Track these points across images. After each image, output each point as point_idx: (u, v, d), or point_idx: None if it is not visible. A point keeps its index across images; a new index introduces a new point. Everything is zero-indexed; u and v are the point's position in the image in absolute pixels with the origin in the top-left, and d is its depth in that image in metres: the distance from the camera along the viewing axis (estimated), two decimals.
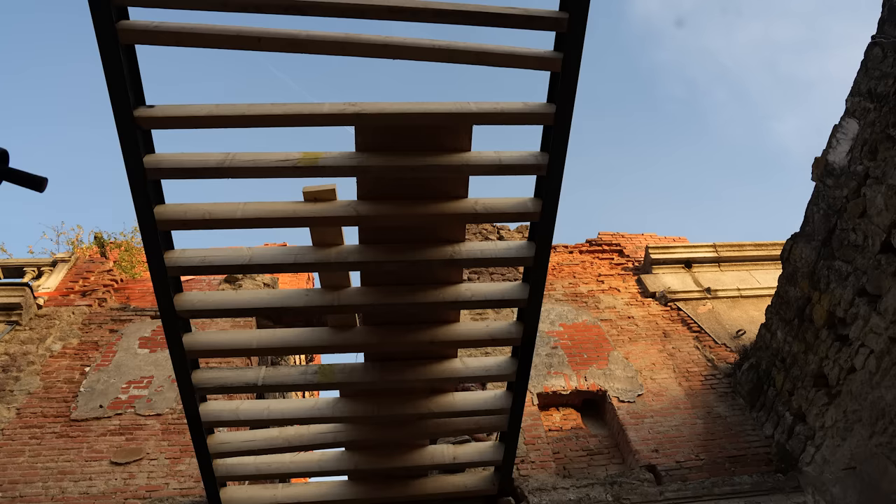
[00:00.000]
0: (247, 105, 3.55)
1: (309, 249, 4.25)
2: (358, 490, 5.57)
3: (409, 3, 3.29)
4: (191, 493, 5.72)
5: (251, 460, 5.42)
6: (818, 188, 6.16)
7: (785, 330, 6.47)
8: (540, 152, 3.92)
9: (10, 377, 6.90)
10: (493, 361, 5.07)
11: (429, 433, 5.39)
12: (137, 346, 7.52)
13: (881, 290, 5.13)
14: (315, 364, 5.00)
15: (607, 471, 6.40)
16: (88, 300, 8.23)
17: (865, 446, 5.28)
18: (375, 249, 4.28)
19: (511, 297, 4.55)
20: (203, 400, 4.97)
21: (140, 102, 3.46)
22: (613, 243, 10.24)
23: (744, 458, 6.35)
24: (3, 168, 3.05)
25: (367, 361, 5.00)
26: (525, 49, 3.52)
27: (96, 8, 3.06)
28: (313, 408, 5.11)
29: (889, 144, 5.14)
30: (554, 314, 8.37)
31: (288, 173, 3.75)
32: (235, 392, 4.82)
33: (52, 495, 5.64)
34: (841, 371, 5.59)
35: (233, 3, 3.20)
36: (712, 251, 9.44)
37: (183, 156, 3.72)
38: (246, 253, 4.17)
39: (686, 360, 7.66)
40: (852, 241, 5.55)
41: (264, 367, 4.80)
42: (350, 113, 3.58)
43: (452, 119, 3.70)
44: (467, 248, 4.34)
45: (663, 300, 8.69)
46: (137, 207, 3.74)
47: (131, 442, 6.21)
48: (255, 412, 5.01)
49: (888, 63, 5.27)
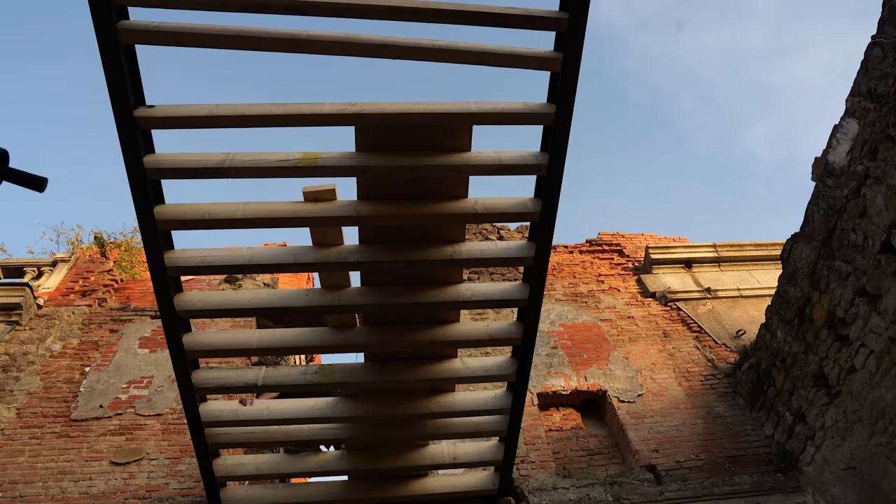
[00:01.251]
0: (247, 105, 3.55)
1: (309, 249, 4.25)
2: (358, 490, 5.57)
3: (409, 3, 3.29)
4: (191, 493, 5.72)
5: (251, 460, 5.42)
6: (818, 188, 6.16)
7: (785, 330, 6.47)
8: (540, 152, 3.92)
9: (10, 377, 6.90)
10: (493, 361, 5.07)
11: (428, 434, 5.39)
12: (137, 346, 7.52)
13: (881, 290, 5.13)
14: (315, 364, 5.00)
15: (607, 471, 6.41)
16: (88, 300, 8.23)
17: (865, 446, 5.28)
18: (375, 249, 4.28)
19: (511, 297, 4.55)
20: (203, 400, 4.97)
21: (140, 102, 3.46)
22: (613, 243, 10.24)
23: (744, 458, 6.35)
24: (3, 168, 3.06)
25: (367, 361, 5.00)
26: (525, 49, 3.52)
27: (96, 8, 3.06)
28: (313, 408, 5.11)
29: (889, 144, 5.14)
30: (554, 314, 8.37)
31: (288, 173, 3.75)
32: (235, 392, 4.83)
33: (52, 495, 5.64)
34: (841, 371, 5.59)
35: (233, 3, 3.20)
36: (712, 251, 9.44)
37: (183, 156, 3.72)
38: (246, 253, 4.18)
39: (686, 360, 7.66)
40: (852, 241, 5.55)
41: (264, 367, 4.81)
42: (350, 113, 3.58)
43: (452, 119, 3.70)
44: (467, 248, 4.35)
45: (663, 300, 8.69)
46: (137, 207, 3.75)
47: (131, 442, 6.21)
48: (254, 412, 5.01)
49: (888, 63, 5.27)
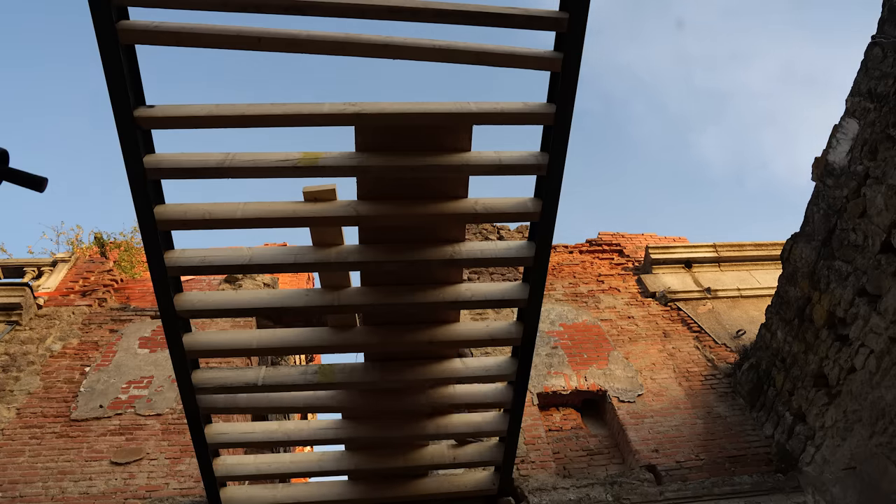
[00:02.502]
0: (247, 105, 3.55)
1: (309, 249, 4.25)
2: (358, 490, 5.57)
3: (409, 3, 3.29)
4: (191, 493, 5.72)
5: (251, 460, 5.42)
6: (818, 188, 6.16)
7: (785, 330, 6.47)
8: (540, 152, 3.92)
9: (10, 377, 6.90)
10: (493, 361, 5.07)
11: (429, 434, 5.38)
12: (137, 346, 7.52)
13: (881, 290, 5.13)
14: (315, 364, 4.99)
15: (607, 471, 6.41)
16: (88, 300, 8.23)
17: (865, 446, 5.28)
18: (375, 249, 4.28)
19: (511, 297, 4.55)
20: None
21: (140, 102, 3.46)
22: (613, 243, 10.23)
23: (744, 458, 6.35)
24: (3, 168, 3.06)
25: (368, 361, 5.00)
26: (525, 49, 3.52)
27: (96, 8, 3.06)
28: (312, 406, 5.12)
29: (889, 144, 5.14)
30: (554, 314, 8.37)
31: (288, 173, 3.75)
32: (235, 392, 4.83)
33: (52, 495, 5.64)
34: (841, 371, 5.59)
35: (233, 3, 3.20)
36: (712, 251, 9.44)
37: (183, 156, 3.72)
38: (246, 253, 4.17)
39: (686, 360, 7.66)
40: (852, 241, 5.55)
41: (264, 367, 4.80)
42: (350, 113, 3.58)
43: (452, 119, 3.70)
44: (467, 247, 4.35)
45: (663, 300, 8.69)
46: (137, 207, 3.75)
47: (131, 442, 6.21)
48: (254, 401, 5.01)
49: (888, 63, 5.27)
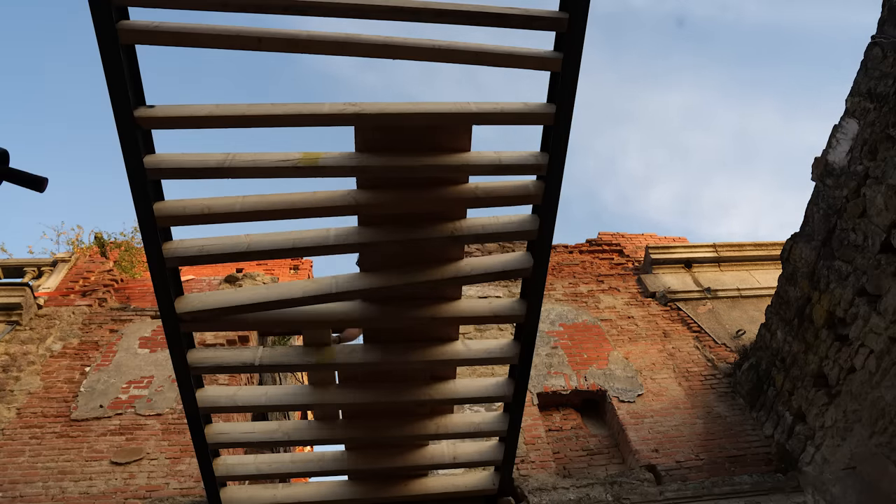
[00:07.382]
0: (247, 105, 3.55)
1: (307, 234, 4.21)
2: (358, 490, 5.57)
3: (409, 3, 3.29)
4: (191, 493, 5.73)
5: (251, 459, 5.42)
6: (818, 188, 6.16)
7: (785, 330, 6.47)
8: (540, 152, 3.91)
9: (11, 377, 6.91)
10: (495, 344, 4.98)
11: (429, 434, 5.38)
12: (137, 346, 7.52)
13: (881, 290, 5.13)
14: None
15: (607, 471, 6.41)
16: (88, 300, 8.23)
17: (865, 446, 5.28)
18: (375, 230, 4.21)
19: (515, 267, 4.48)
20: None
21: (140, 102, 3.46)
22: (613, 243, 10.23)
23: (744, 458, 6.35)
24: (4, 168, 3.06)
25: (368, 343, 4.95)
26: (525, 49, 3.52)
27: (96, 8, 3.06)
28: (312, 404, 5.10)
29: (889, 144, 5.14)
30: (554, 314, 8.37)
31: (288, 173, 3.74)
32: (233, 372, 4.82)
33: (53, 495, 5.64)
34: (841, 371, 5.60)
35: (233, 3, 3.20)
36: (712, 251, 9.44)
37: (183, 156, 3.72)
38: (244, 240, 4.10)
39: (686, 360, 7.66)
40: (852, 241, 5.55)
41: (261, 348, 4.77)
42: (350, 113, 3.57)
43: (452, 119, 3.69)
44: (468, 223, 4.27)
45: (663, 300, 8.69)
46: (138, 208, 3.74)
47: (131, 442, 6.21)
48: (252, 397, 5.02)
49: (888, 63, 5.27)
